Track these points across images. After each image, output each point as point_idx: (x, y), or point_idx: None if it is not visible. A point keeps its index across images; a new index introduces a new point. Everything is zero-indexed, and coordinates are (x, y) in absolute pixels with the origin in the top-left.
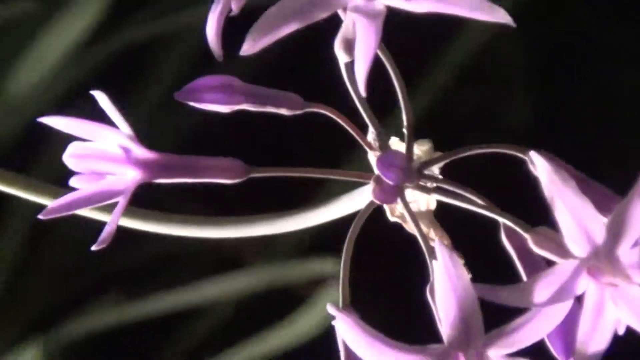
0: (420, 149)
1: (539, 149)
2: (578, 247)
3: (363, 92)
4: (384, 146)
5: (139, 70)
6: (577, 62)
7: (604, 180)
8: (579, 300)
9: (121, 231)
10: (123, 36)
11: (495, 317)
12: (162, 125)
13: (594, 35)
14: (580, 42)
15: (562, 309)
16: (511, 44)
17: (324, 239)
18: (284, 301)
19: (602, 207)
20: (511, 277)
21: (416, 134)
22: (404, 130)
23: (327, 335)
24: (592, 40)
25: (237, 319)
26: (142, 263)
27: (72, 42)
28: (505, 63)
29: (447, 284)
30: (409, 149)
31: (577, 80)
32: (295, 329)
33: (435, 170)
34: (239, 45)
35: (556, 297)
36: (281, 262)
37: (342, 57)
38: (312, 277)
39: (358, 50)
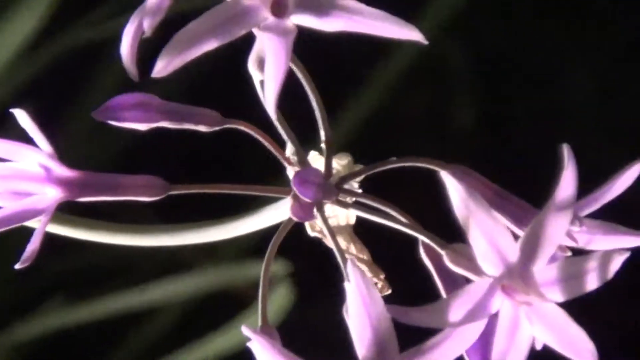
0: (340, 163)
1: (475, 153)
2: (491, 266)
3: (273, 114)
4: (302, 161)
5: (84, 74)
6: (522, 66)
7: (547, 182)
8: (495, 318)
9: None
10: (66, 40)
11: (414, 334)
12: (106, 131)
13: (539, 38)
14: (525, 45)
15: (477, 328)
16: (456, 47)
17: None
18: (231, 304)
19: (521, 221)
20: (433, 290)
21: (361, 139)
22: (322, 145)
23: None
24: (537, 43)
25: (184, 322)
26: (89, 266)
27: (15, 46)
28: (449, 66)
29: (360, 307)
30: (328, 163)
31: (522, 83)
32: (239, 332)
33: (354, 184)
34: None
35: (470, 317)
36: (228, 264)
37: (256, 75)
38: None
39: (267, 70)
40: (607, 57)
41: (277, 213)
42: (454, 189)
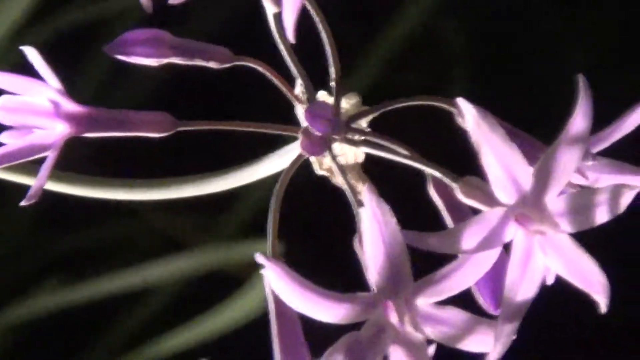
0: (348, 103)
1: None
2: (505, 194)
3: (292, 38)
4: (312, 99)
5: (80, 52)
6: (519, 47)
7: None
8: (508, 249)
9: (61, 215)
10: (62, 18)
11: (424, 266)
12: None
13: (535, 20)
14: (521, 26)
15: (490, 256)
16: (451, 27)
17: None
18: (225, 283)
19: (530, 157)
20: (439, 226)
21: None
22: (332, 84)
23: (266, 318)
24: (533, 25)
25: (178, 302)
26: (82, 247)
27: (4, 30)
28: (445, 46)
29: (375, 231)
30: (337, 101)
31: (519, 65)
32: (235, 311)
33: (363, 123)
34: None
35: (484, 244)
36: (225, 243)
37: (269, 8)
38: (250, 260)
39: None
40: (603, 35)
41: (286, 157)
42: (469, 112)
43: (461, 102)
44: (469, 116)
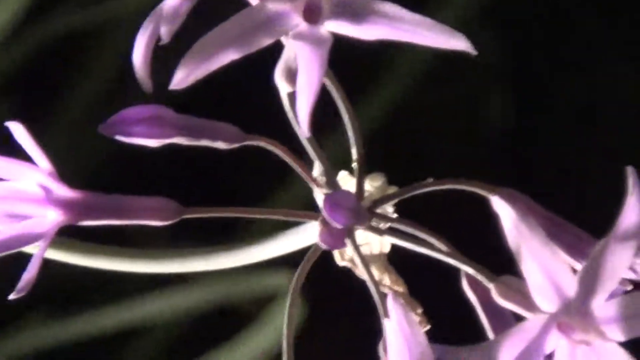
0: (372, 185)
1: (513, 155)
2: (547, 301)
3: (307, 132)
4: (331, 183)
5: (66, 65)
6: (555, 62)
7: (593, 184)
8: (550, 358)
9: None
10: (47, 29)
11: None
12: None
13: (575, 31)
14: (559, 38)
15: None
16: (486, 40)
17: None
18: (233, 319)
19: (575, 251)
20: (476, 327)
21: (381, 138)
22: (353, 165)
23: (279, 357)
24: (574, 31)
25: (182, 339)
26: (76, 278)
27: None
28: (478, 61)
29: (402, 347)
30: (360, 186)
31: (556, 80)
32: (246, 350)
33: (389, 208)
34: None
35: (523, 357)
36: (230, 276)
37: (283, 88)
38: (264, 293)
39: (300, 83)
40: None
41: (302, 237)
42: (506, 214)
43: (497, 202)
44: (506, 218)
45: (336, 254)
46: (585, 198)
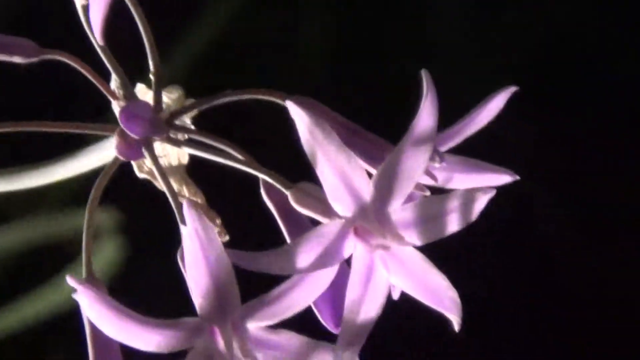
0: (170, 97)
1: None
2: (343, 206)
3: (100, 41)
4: (129, 95)
5: None
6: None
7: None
8: (350, 263)
9: None
10: None
11: (256, 285)
12: None
13: None
14: None
15: (327, 275)
16: None
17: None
18: (57, 256)
19: (375, 159)
20: (277, 237)
21: (207, 64)
22: (151, 76)
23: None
24: None
25: (6, 279)
26: None
27: None
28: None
29: (197, 251)
30: (157, 97)
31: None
32: (67, 287)
33: (187, 120)
34: None
35: (320, 262)
36: (53, 214)
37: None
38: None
39: None
40: None
41: (101, 154)
42: (300, 119)
43: (291, 107)
44: (300, 124)
45: (135, 166)
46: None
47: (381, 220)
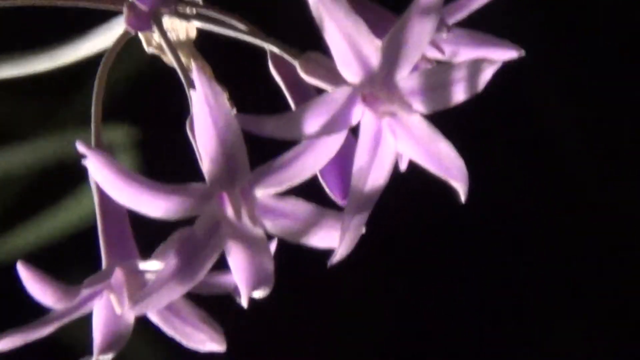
0: None
1: None
2: (351, 72)
3: None
4: None
5: None
6: None
7: None
8: (356, 133)
9: None
10: None
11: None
12: None
13: None
14: None
15: (335, 141)
16: None
17: (116, 107)
18: (66, 178)
19: (380, 28)
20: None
21: None
22: None
23: None
24: None
25: (23, 195)
26: None
27: None
28: None
29: (206, 116)
30: None
31: None
32: (86, 201)
33: None
34: None
35: (328, 127)
36: (65, 133)
37: None
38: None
39: None
40: None
41: (109, 33)
42: None
43: None
44: None
45: (143, 40)
46: None
47: (389, 87)
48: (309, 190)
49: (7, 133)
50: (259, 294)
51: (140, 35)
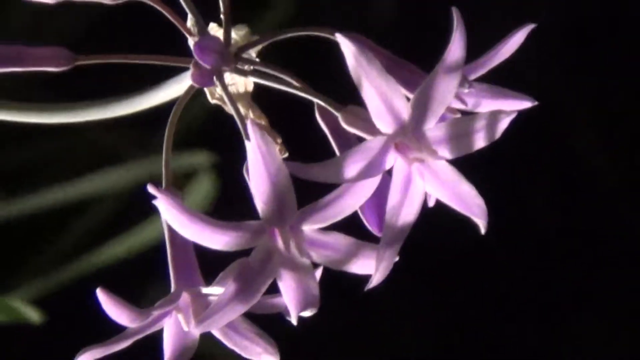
0: (238, 34)
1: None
2: (385, 124)
3: None
4: (202, 32)
5: None
6: None
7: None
8: (391, 174)
9: None
10: None
11: (311, 195)
12: None
13: None
14: None
15: (371, 184)
16: None
17: (199, 133)
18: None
19: (411, 85)
20: (329, 154)
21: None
22: (221, 16)
23: None
24: None
25: (116, 215)
26: (17, 163)
27: None
28: None
29: (259, 163)
30: (226, 33)
31: None
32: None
33: (252, 54)
34: None
35: (365, 172)
36: (157, 157)
37: None
38: (185, 171)
39: None
40: None
41: (178, 86)
42: (348, 48)
43: (340, 38)
44: (347, 52)
45: (208, 94)
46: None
47: (418, 136)
48: (350, 224)
49: (105, 158)
50: (306, 313)
51: (206, 90)
